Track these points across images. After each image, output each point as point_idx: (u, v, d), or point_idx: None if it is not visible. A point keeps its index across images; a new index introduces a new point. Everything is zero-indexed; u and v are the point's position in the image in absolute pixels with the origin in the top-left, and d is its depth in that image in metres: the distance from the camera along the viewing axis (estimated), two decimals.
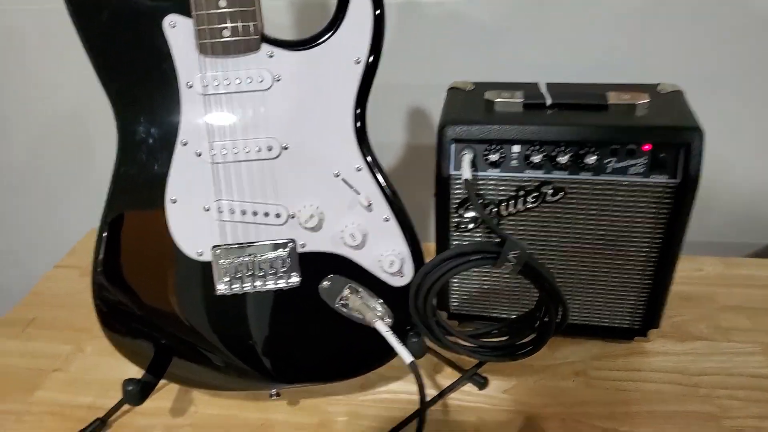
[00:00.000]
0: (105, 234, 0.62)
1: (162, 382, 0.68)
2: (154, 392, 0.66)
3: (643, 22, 0.88)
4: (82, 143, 1.13)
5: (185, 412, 0.72)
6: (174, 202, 0.61)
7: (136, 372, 0.66)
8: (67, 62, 1.03)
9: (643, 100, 0.68)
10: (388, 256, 0.63)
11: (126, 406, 0.71)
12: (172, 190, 0.60)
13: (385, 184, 0.61)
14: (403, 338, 0.65)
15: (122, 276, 0.63)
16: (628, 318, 0.76)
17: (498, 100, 0.70)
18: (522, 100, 0.70)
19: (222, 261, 0.62)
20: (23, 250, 1.29)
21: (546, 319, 0.63)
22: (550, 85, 0.73)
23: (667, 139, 0.64)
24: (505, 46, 0.92)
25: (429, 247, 0.74)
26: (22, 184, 1.20)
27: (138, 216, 0.62)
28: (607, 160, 0.66)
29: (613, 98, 0.68)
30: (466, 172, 0.66)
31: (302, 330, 0.66)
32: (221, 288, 0.63)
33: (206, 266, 0.63)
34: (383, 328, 0.63)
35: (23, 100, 1.10)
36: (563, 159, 0.66)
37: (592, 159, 0.66)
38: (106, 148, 0.60)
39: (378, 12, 0.56)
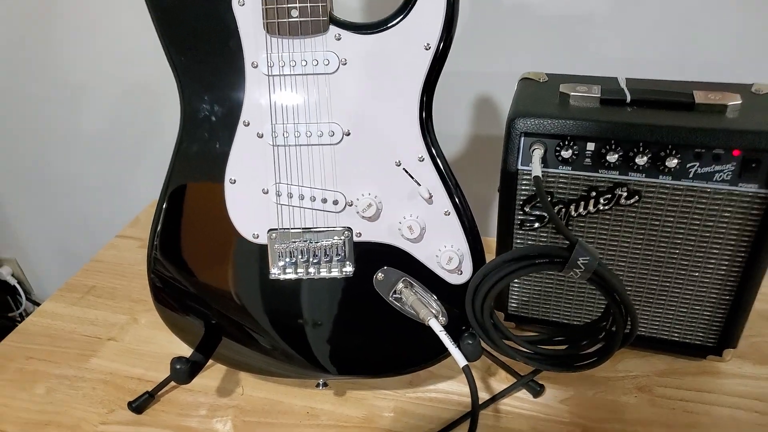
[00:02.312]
0: (164, 206, 0.61)
1: (210, 361, 0.67)
2: (202, 370, 0.66)
3: (738, 15, 0.81)
4: (153, 115, 1.15)
5: (231, 393, 0.72)
6: (233, 182, 0.60)
7: (188, 348, 0.66)
8: (139, 35, 1.05)
9: (735, 101, 0.63)
10: (446, 251, 0.60)
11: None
12: (231, 170, 0.59)
13: (447, 176, 0.59)
14: (457, 338, 0.62)
15: (178, 251, 0.63)
16: (702, 334, 0.71)
17: (574, 93, 0.66)
18: (599, 95, 0.66)
19: (277, 245, 0.61)
20: (92, 217, 1.33)
21: (613, 330, 0.60)
22: (630, 81, 0.69)
23: (761, 145, 0.59)
24: (584, 37, 0.87)
25: (490, 242, 0.71)
26: (95, 152, 1.23)
27: (197, 193, 0.61)
28: (690, 164, 0.62)
29: (700, 97, 0.63)
30: (537, 169, 0.62)
31: (354, 321, 0.64)
32: (275, 272, 0.62)
33: (261, 249, 0.62)
34: (437, 326, 0.60)
35: (99, 71, 1.12)
36: (641, 160, 0.62)
37: (673, 162, 0.61)
38: (175, 121, 0.59)
39: None
